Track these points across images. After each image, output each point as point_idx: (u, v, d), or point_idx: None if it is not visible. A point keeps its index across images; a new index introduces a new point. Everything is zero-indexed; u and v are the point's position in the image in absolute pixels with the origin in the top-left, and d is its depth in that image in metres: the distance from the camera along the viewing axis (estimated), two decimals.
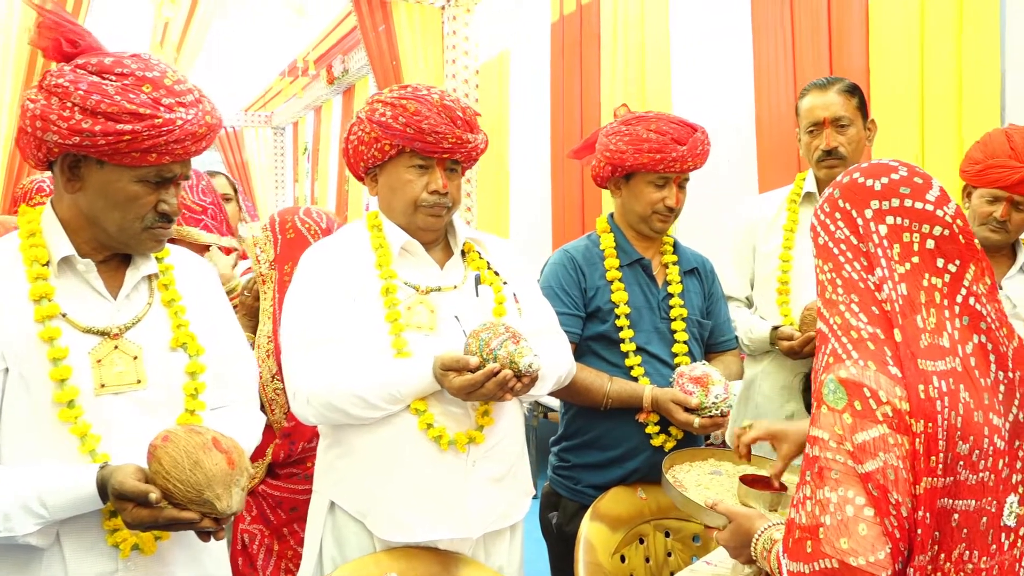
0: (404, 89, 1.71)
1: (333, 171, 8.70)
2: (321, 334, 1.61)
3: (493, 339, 1.54)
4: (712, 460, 1.84)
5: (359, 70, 7.37)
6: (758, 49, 3.64)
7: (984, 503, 1.12)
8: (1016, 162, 2.01)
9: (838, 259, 1.20)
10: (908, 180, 1.17)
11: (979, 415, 1.10)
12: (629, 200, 2.08)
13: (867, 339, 1.12)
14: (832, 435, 1.09)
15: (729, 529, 1.36)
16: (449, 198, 1.72)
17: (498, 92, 5.98)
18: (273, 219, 2.13)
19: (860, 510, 1.05)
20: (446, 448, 1.62)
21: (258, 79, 9.00)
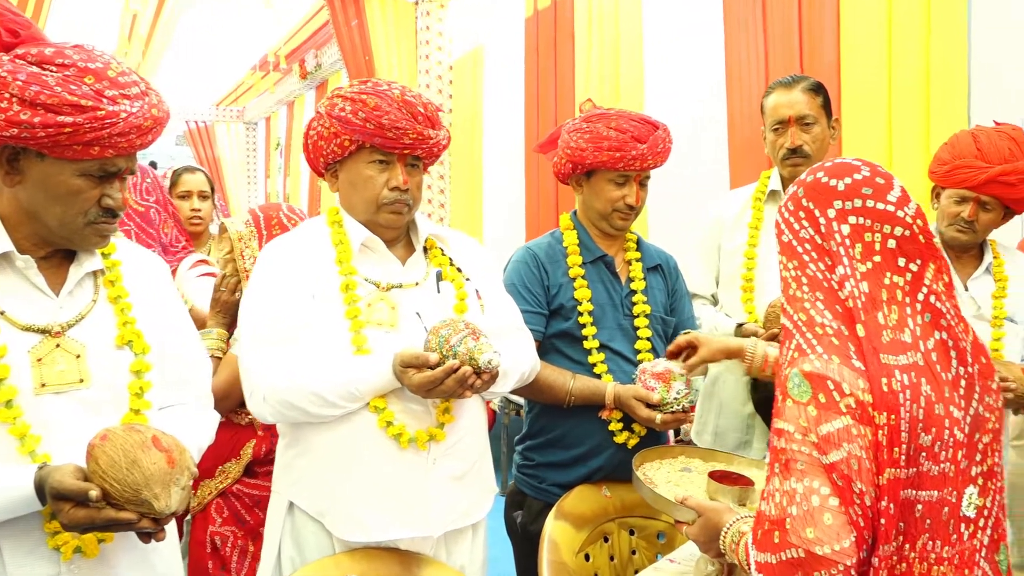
0: (364, 84, 1.70)
1: (306, 167, 8.56)
2: (279, 331, 1.60)
3: (453, 335, 1.54)
4: (682, 458, 1.86)
5: (332, 65, 7.33)
6: (730, 47, 3.66)
7: (946, 493, 1.16)
8: (983, 163, 2.04)
9: (802, 257, 1.23)
10: (870, 180, 1.20)
11: (940, 408, 1.14)
12: (590, 197, 2.09)
13: (831, 335, 1.16)
14: (797, 427, 1.12)
15: (698, 523, 1.38)
16: (410, 195, 1.72)
17: (472, 88, 5.97)
18: (256, 214, 2.11)
19: (825, 500, 1.08)
20: (406, 446, 1.61)
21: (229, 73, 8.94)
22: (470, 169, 6.02)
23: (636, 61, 4.34)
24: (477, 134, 5.95)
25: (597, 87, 4.54)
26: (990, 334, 2.14)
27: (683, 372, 1.91)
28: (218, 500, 2.07)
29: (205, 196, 3.04)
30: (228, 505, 2.07)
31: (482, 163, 5.95)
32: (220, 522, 2.06)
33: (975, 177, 2.05)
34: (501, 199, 5.76)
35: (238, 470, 2.08)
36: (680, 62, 4.20)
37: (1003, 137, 2.05)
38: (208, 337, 2.00)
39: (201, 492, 2.07)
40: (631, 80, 4.35)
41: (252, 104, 9.88)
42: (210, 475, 2.08)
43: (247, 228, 2.06)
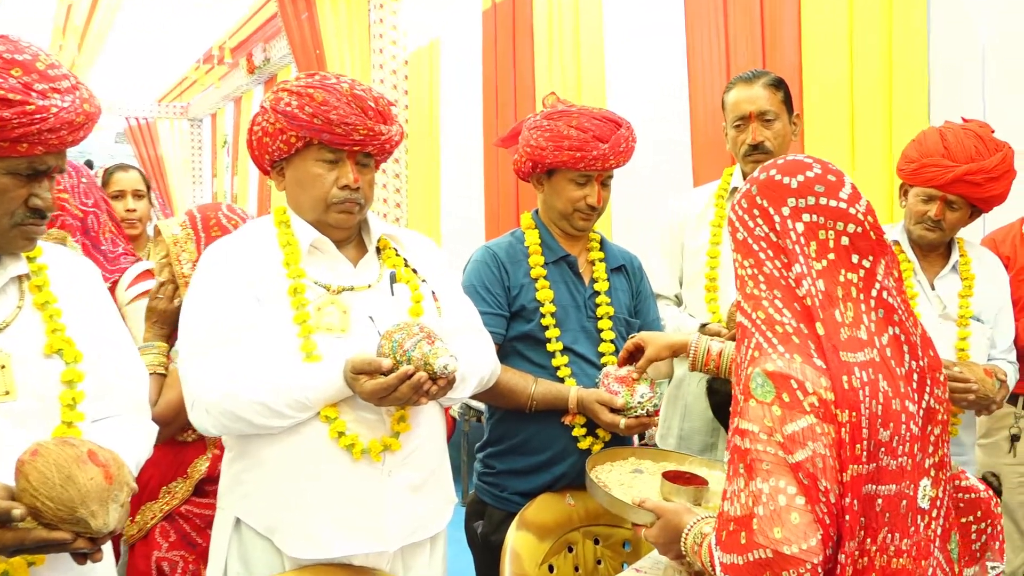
0: (312, 77, 1.67)
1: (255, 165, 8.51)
2: (222, 337, 1.57)
3: (407, 340, 1.53)
4: (632, 459, 1.88)
5: (281, 59, 7.26)
6: (692, 42, 3.70)
7: (903, 487, 1.20)
8: (949, 161, 2.07)
9: (758, 255, 1.26)
10: (822, 178, 1.24)
11: (897, 403, 1.19)
12: (551, 197, 2.09)
13: (791, 332, 1.19)
14: (762, 427, 1.15)
15: (658, 525, 1.39)
16: (361, 194, 1.69)
17: (428, 83, 5.95)
18: (193, 215, 2.05)
19: (792, 499, 1.11)
20: (359, 457, 1.59)
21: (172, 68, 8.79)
22: (427, 167, 6.00)
23: (597, 55, 4.37)
24: (434, 130, 5.94)
25: (558, 81, 4.55)
26: (956, 333, 2.18)
27: (647, 375, 1.91)
28: (163, 524, 2.00)
29: (140, 195, 2.95)
30: (176, 528, 2.01)
31: (439, 160, 5.94)
32: (167, 547, 2.00)
33: (941, 176, 2.09)
34: (459, 197, 5.75)
35: (186, 489, 2.02)
36: (642, 57, 4.24)
37: (970, 135, 2.09)
38: (148, 352, 1.90)
39: (142, 516, 2.00)
40: (592, 75, 4.38)
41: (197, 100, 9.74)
42: (153, 497, 2.01)
43: (183, 231, 1.99)
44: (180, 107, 10.10)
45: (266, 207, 7.95)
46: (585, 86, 4.41)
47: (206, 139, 10.23)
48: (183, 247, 1.97)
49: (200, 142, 10.21)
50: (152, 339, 1.93)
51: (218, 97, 9.07)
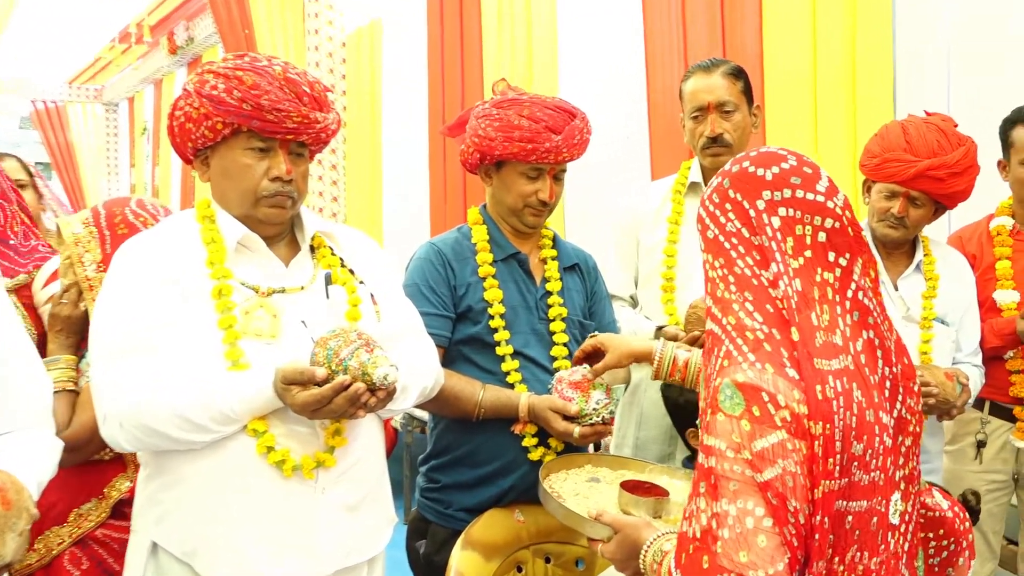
0: (241, 59, 1.65)
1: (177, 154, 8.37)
2: (137, 344, 1.53)
3: (343, 348, 1.51)
4: (589, 467, 1.88)
5: (206, 39, 7.16)
6: (649, 27, 3.74)
7: (875, 502, 1.21)
8: (912, 156, 2.12)
9: (730, 254, 1.25)
10: (798, 170, 1.24)
11: (871, 414, 1.20)
12: (499, 191, 2.09)
13: (763, 339, 1.19)
14: (729, 443, 1.14)
15: (615, 541, 1.40)
16: (294, 186, 1.67)
17: (368, 67, 5.90)
18: (97, 212, 1.98)
19: (760, 521, 1.11)
20: (290, 474, 1.57)
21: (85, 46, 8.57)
22: (367, 158, 5.95)
23: (549, 39, 4.38)
24: (375, 118, 5.90)
25: (508, 66, 4.56)
26: (919, 336, 2.24)
27: (603, 380, 1.92)
28: (74, 549, 1.93)
29: (22, 186, 2.86)
30: (89, 554, 1.94)
31: (381, 151, 5.90)
32: (78, 575, 1.93)
33: (904, 171, 2.14)
34: (403, 191, 5.72)
35: (101, 512, 1.95)
36: (596, 41, 4.27)
37: (932, 129, 2.14)
38: (53, 367, 1.82)
39: (44, 542, 1.92)
40: (544, 59, 4.40)
41: (112, 82, 9.55)
42: (60, 521, 1.94)
43: (86, 229, 1.93)
44: (93, 90, 9.87)
45: (190, 201, 7.81)
46: (537, 72, 4.42)
47: (123, 125, 10.03)
48: (86, 247, 1.90)
49: (116, 128, 10.01)
50: (58, 351, 1.86)
51: (136, 79, 8.91)
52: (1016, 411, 2.50)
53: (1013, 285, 2.51)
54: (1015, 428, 2.51)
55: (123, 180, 9.87)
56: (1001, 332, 2.42)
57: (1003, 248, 2.56)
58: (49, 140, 9.83)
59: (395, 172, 5.85)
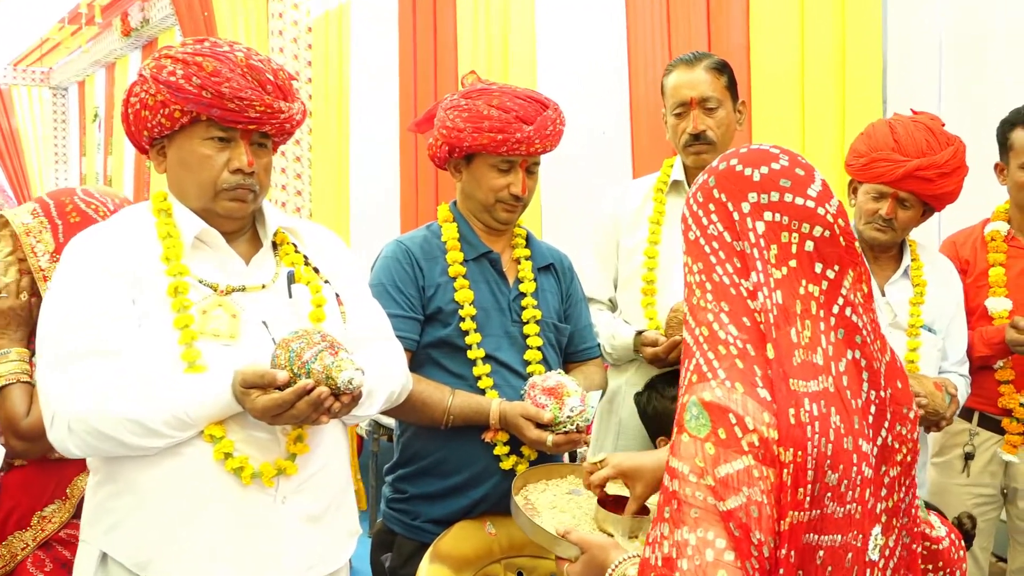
0: (201, 44, 1.66)
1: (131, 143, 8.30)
2: (87, 344, 1.53)
3: (306, 350, 1.52)
4: (571, 477, 1.89)
5: (162, 21, 7.11)
6: (632, 19, 3.77)
7: (850, 537, 1.18)
8: (900, 156, 2.16)
9: (709, 259, 1.23)
10: (789, 171, 1.22)
11: (849, 441, 1.16)
12: (470, 186, 2.10)
13: (736, 355, 1.16)
14: (693, 467, 1.12)
15: (581, 561, 1.40)
16: (256, 179, 1.68)
17: (336, 53, 5.89)
18: (45, 202, 2.00)
19: (720, 554, 1.09)
20: (249, 482, 1.58)
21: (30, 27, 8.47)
22: (334, 150, 5.93)
23: (528, 29, 4.40)
24: (342, 108, 5.88)
25: (484, 57, 4.57)
26: (906, 344, 2.28)
27: (578, 387, 1.94)
28: (36, 552, 1.97)
29: None
30: (53, 556, 1.98)
31: (348, 142, 5.88)
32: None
33: (893, 171, 2.17)
34: (371, 185, 5.71)
35: (65, 513, 1.98)
36: (577, 32, 4.29)
37: (920, 128, 2.18)
38: (5, 360, 1.86)
39: (7, 548, 1.95)
40: (521, 48, 4.41)
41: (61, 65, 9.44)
42: (23, 526, 1.97)
43: (35, 219, 1.95)
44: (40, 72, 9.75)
45: (144, 193, 7.74)
46: (513, 64, 4.44)
47: (72, 111, 9.92)
48: (37, 237, 1.92)
49: (65, 114, 9.89)
50: (8, 344, 1.89)
51: (86, 62, 8.81)
52: (1004, 423, 2.55)
53: (1006, 292, 2.56)
54: (1003, 441, 2.56)
55: (72, 169, 9.75)
56: (991, 341, 2.47)
57: (997, 254, 2.60)
58: None
59: (363, 165, 5.83)
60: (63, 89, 9.86)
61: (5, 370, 1.84)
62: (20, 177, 9.70)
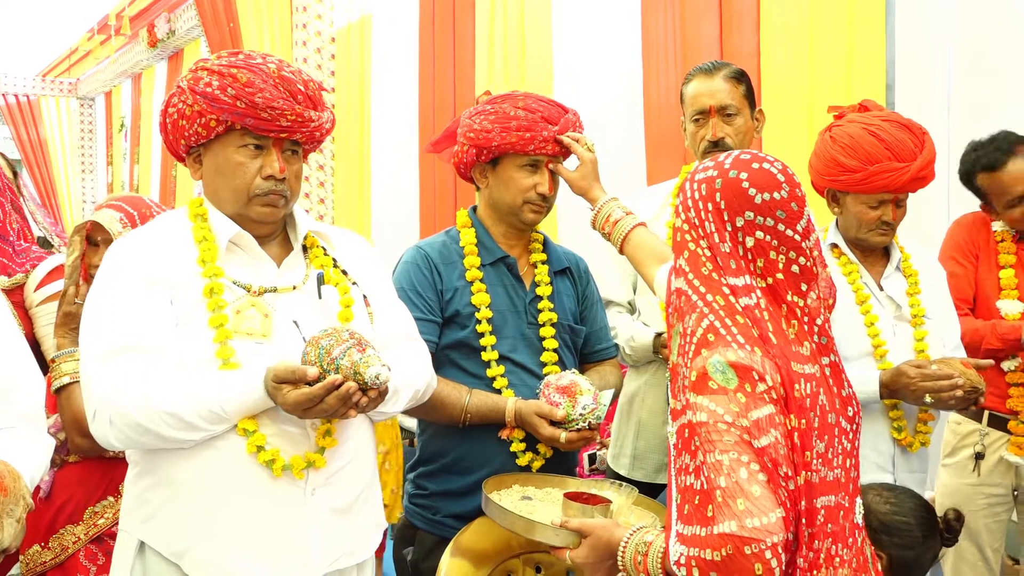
0: (235, 56, 1.71)
1: (157, 152, 8.39)
2: (128, 341, 1.58)
3: (335, 347, 1.55)
4: (516, 486, 1.97)
5: (188, 32, 7.15)
6: (647, 29, 3.81)
7: (840, 498, 1.36)
8: (899, 162, 2.13)
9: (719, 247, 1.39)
10: (786, 204, 1.37)
11: (832, 416, 1.36)
12: (497, 189, 2.14)
13: (750, 326, 1.34)
14: (727, 410, 1.28)
15: (587, 544, 1.48)
16: (287, 185, 1.73)
17: (358, 64, 5.94)
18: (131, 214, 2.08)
19: (754, 474, 1.24)
20: (280, 474, 1.62)
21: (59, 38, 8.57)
22: (356, 158, 5.98)
23: (544, 40, 4.44)
24: (364, 117, 5.92)
25: (500, 67, 4.62)
26: (912, 334, 2.26)
27: (591, 386, 1.99)
28: (89, 546, 2.03)
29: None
30: (104, 550, 2.03)
31: (370, 151, 5.93)
32: (95, 571, 2.03)
33: (898, 179, 2.13)
34: (392, 192, 5.75)
35: (117, 509, 2.01)
36: (593, 45, 4.32)
37: (899, 128, 2.16)
38: (70, 359, 1.93)
39: (59, 541, 2.01)
40: (538, 61, 4.45)
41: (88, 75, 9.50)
42: (75, 520, 2.03)
43: (124, 228, 2.02)
44: (68, 83, 9.82)
45: (170, 201, 7.81)
46: (530, 73, 4.48)
47: (99, 121, 9.96)
48: None
49: (92, 124, 9.92)
50: (68, 345, 1.96)
51: (113, 73, 8.85)
52: (1010, 425, 2.56)
53: (1017, 295, 2.58)
54: (1010, 442, 2.57)
55: (99, 179, 9.81)
56: (1005, 336, 2.48)
57: (1007, 256, 2.62)
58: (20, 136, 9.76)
59: (384, 173, 5.87)
60: (90, 99, 9.89)
61: (70, 368, 1.91)
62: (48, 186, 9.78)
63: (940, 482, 2.76)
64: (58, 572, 2.02)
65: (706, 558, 1.22)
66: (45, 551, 2.02)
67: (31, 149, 9.76)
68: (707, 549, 1.22)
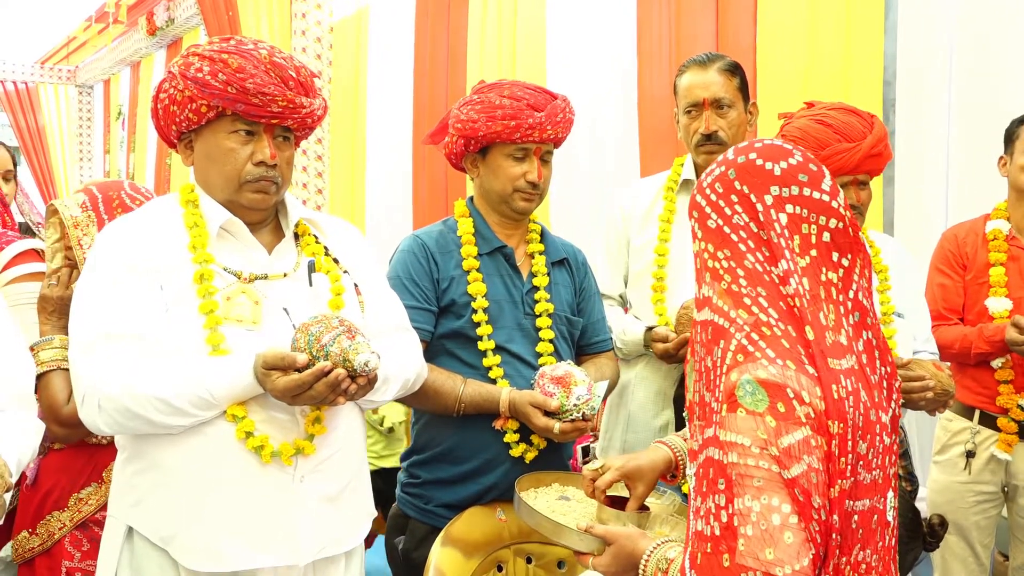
0: (226, 42, 1.70)
1: (153, 140, 8.38)
2: (117, 326, 1.57)
3: (324, 334, 1.55)
4: (556, 485, 1.93)
5: (187, 20, 7.14)
6: (642, 22, 3.80)
7: (875, 501, 1.27)
8: (849, 143, 2.13)
9: (738, 247, 1.27)
10: (804, 167, 1.28)
11: (873, 413, 1.25)
12: (488, 178, 2.13)
13: (780, 336, 1.22)
14: (754, 440, 1.17)
15: (610, 552, 1.43)
16: (279, 171, 1.72)
17: (355, 55, 5.93)
18: (93, 196, 2.04)
19: (786, 518, 1.14)
20: (268, 460, 1.61)
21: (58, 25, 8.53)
22: (352, 147, 5.98)
23: (538, 33, 4.43)
24: (360, 107, 5.92)
25: (494, 60, 4.61)
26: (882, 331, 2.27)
27: (586, 376, 1.97)
28: (74, 532, 2.02)
29: (9, 177, 2.91)
30: (89, 536, 2.02)
31: (365, 142, 5.92)
32: (79, 556, 2.02)
33: (851, 159, 2.13)
34: (387, 182, 5.75)
35: (101, 496, 2.02)
36: (587, 36, 4.31)
37: (845, 112, 2.16)
38: (47, 347, 1.90)
39: (46, 527, 2.01)
40: (532, 53, 4.44)
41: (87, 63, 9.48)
42: (60, 506, 2.02)
43: (84, 213, 1.99)
44: (67, 71, 9.80)
45: (165, 189, 7.80)
46: (522, 66, 4.46)
47: (97, 109, 9.94)
48: (84, 231, 1.97)
49: (90, 112, 9.91)
50: (51, 332, 1.93)
51: (112, 61, 8.83)
52: (999, 422, 2.56)
53: (1006, 292, 2.57)
54: (999, 439, 2.57)
55: (96, 166, 9.78)
56: (991, 339, 2.48)
57: (998, 253, 2.61)
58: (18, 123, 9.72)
59: (378, 164, 5.87)
60: (88, 87, 9.88)
61: (47, 356, 1.88)
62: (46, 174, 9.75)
63: (931, 479, 2.76)
64: (45, 558, 2.01)
65: None
66: (33, 537, 2.01)
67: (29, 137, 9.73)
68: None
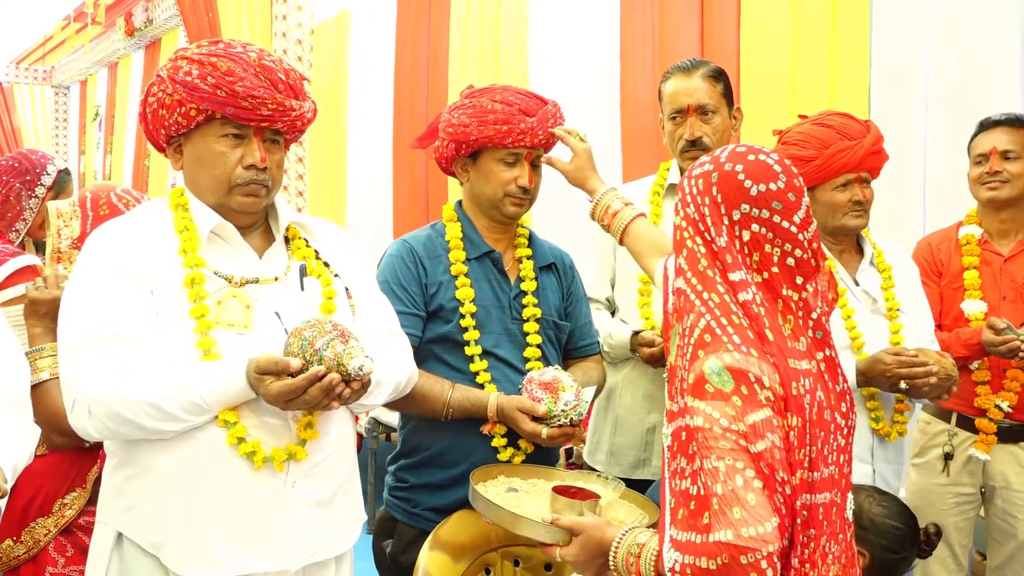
0: (215, 45, 1.69)
1: (131, 142, 8.30)
2: (107, 331, 1.56)
3: (318, 338, 1.54)
4: (502, 477, 1.96)
5: (166, 21, 7.09)
6: (626, 27, 3.81)
7: (834, 495, 1.35)
8: (849, 140, 2.19)
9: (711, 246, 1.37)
10: (783, 194, 1.35)
11: (828, 414, 1.34)
12: (478, 183, 2.13)
13: (746, 327, 1.32)
14: (723, 414, 1.26)
15: (578, 543, 1.46)
16: (269, 175, 1.71)
17: (335, 57, 5.91)
18: (83, 195, 2.07)
19: (750, 481, 1.22)
20: (260, 466, 1.60)
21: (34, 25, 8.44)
22: (332, 151, 5.96)
23: (520, 37, 4.42)
24: (341, 111, 5.90)
25: (476, 64, 4.60)
26: (887, 327, 2.29)
27: (573, 382, 1.98)
28: (58, 538, 2.01)
29: None
30: (73, 541, 2.01)
31: (346, 145, 5.90)
32: (63, 562, 2.01)
33: (854, 155, 2.18)
34: (367, 186, 5.73)
35: (83, 500, 2.02)
36: (570, 41, 4.31)
37: (843, 116, 2.25)
38: (42, 356, 1.88)
39: (31, 534, 1.99)
40: (512, 57, 4.43)
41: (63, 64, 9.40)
42: (45, 512, 2.00)
43: (71, 207, 2.01)
44: (43, 71, 9.71)
45: (142, 190, 7.73)
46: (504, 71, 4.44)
47: (73, 110, 9.86)
48: (67, 221, 1.97)
49: (66, 113, 9.83)
50: (43, 338, 1.92)
51: (89, 62, 8.77)
52: (978, 423, 2.59)
53: (980, 295, 2.60)
54: (977, 440, 2.60)
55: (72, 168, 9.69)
56: (968, 342, 2.51)
57: (971, 258, 2.64)
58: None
59: (359, 166, 5.86)
60: (65, 88, 9.81)
61: (46, 364, 1.87)
62: None
63: (909, 481, 2.78)
64: (31, 565, 1.99)
65: (701, 566, 1.22)
66: (18, 545, 1.99)
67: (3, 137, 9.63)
68: (702, 557, 1.22)
